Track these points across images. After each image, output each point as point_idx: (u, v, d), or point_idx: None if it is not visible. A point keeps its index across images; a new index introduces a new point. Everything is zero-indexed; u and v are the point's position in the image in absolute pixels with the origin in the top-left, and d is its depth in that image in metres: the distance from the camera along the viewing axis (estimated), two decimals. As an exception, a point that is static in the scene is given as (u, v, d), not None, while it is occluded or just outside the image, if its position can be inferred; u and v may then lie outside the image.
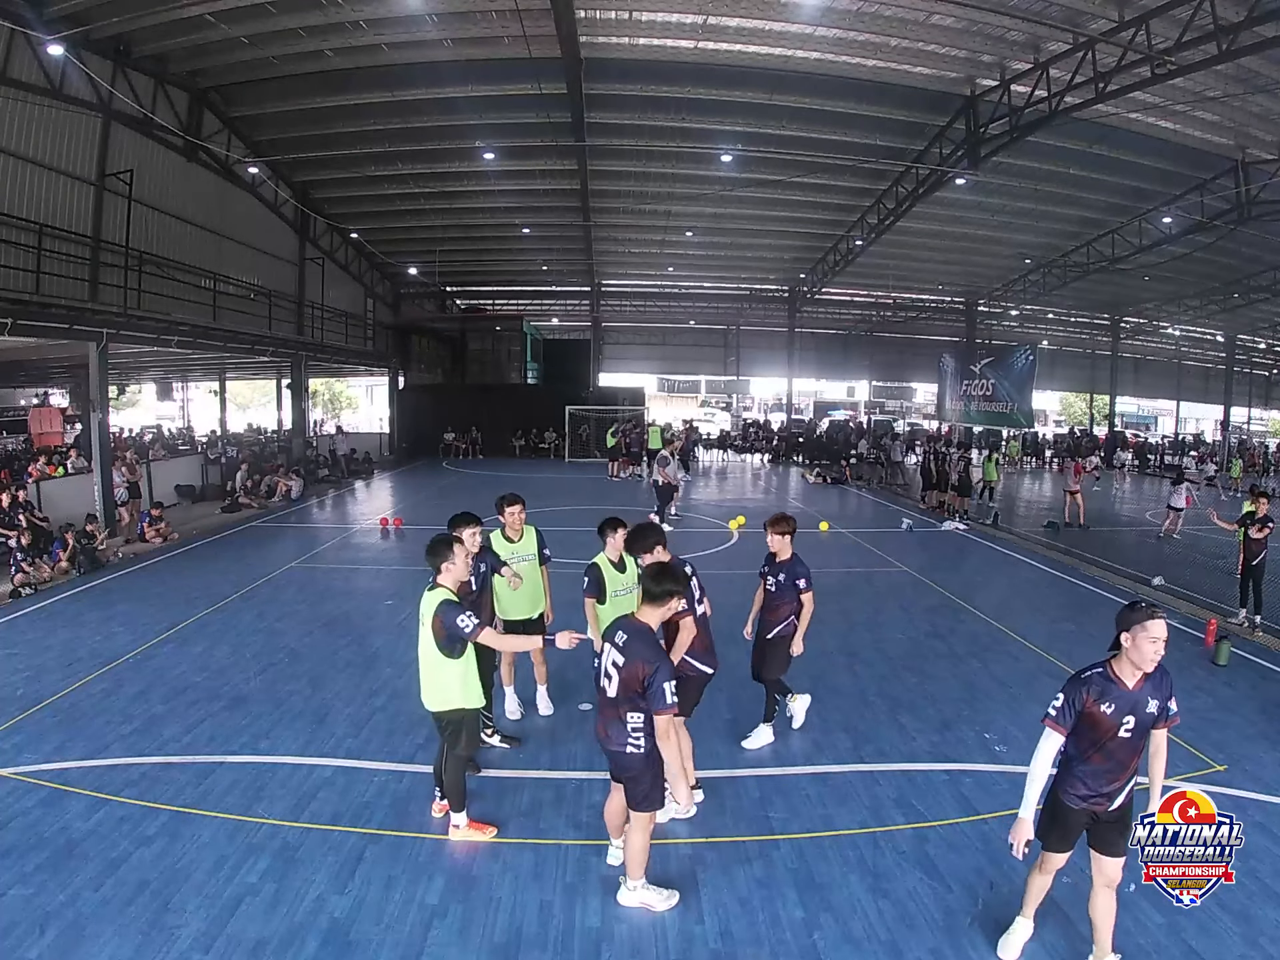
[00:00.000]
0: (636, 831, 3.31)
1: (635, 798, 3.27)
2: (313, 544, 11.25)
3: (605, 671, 3.26)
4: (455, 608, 3.57)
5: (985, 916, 3.32)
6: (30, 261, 10.87)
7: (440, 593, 3.64)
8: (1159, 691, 2.89)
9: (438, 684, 3.69)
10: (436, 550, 3.69)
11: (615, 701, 3.20)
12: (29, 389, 25.20)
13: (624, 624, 3.29)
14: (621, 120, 16.25)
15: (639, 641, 3.19)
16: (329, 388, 42.42)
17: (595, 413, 24.66)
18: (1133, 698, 2.85)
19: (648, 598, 3.26)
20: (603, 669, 3.28)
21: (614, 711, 3.20)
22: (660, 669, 3.12)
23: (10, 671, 5.91)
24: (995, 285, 28.16)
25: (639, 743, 3.19)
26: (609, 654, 3.25)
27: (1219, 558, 11.32)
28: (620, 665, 3.17)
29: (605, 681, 3.25)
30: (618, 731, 3.20)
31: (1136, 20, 11.19)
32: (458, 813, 3.81)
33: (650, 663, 3.13)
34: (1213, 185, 17.58)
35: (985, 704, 5.60)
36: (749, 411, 41.32)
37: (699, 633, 4.00)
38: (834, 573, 9.90)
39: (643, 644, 3.19)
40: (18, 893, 3.35)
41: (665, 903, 3.34)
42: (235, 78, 14.91)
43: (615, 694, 3.20)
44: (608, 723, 3.23)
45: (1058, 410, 45.92)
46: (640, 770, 3.23)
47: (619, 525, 4.50)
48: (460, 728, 3.72)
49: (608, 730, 3.23)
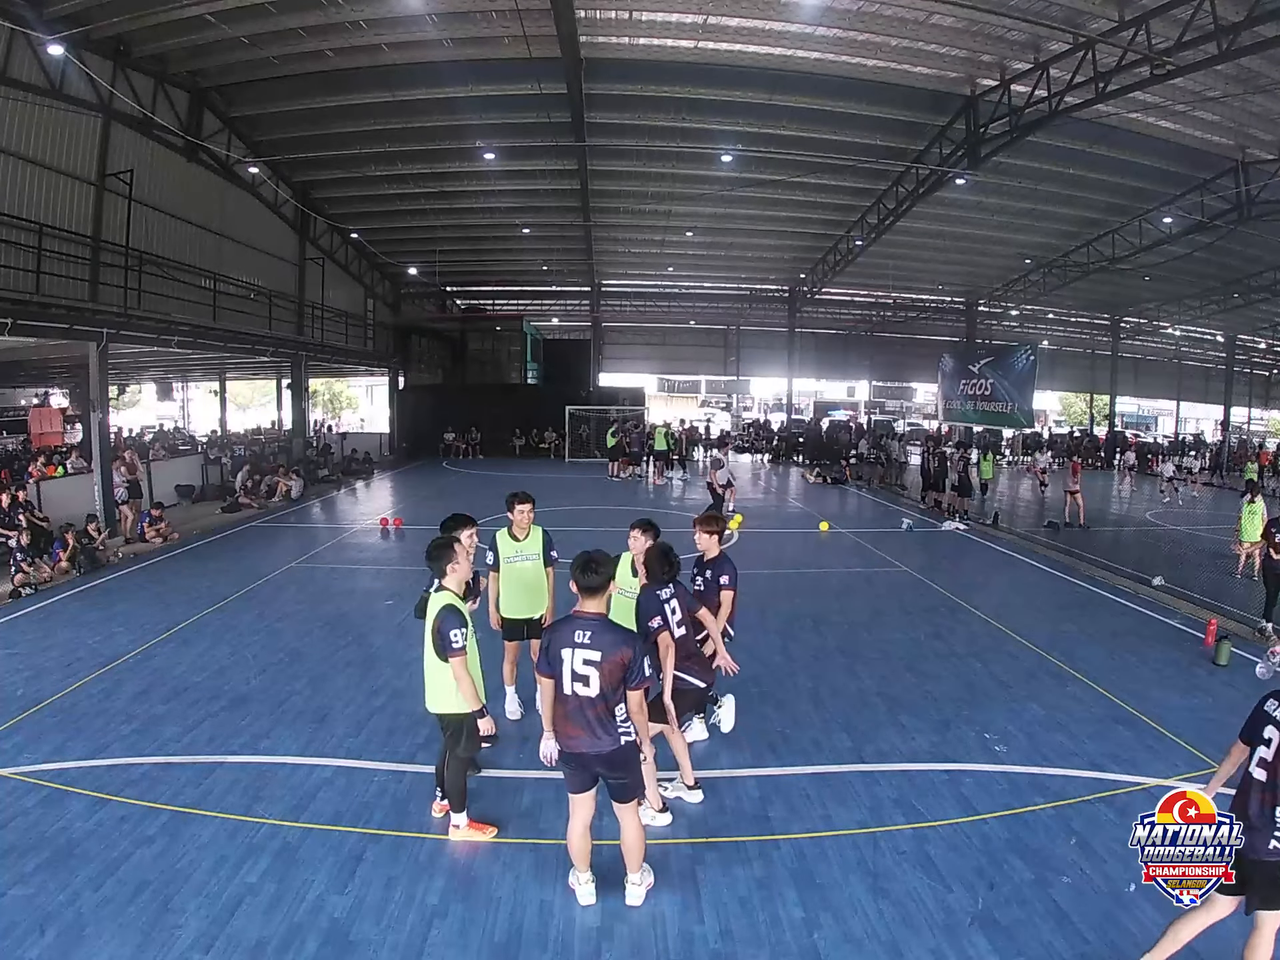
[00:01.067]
0: (633, 822, 3.31)
1: (629, 788, 3.26)
2: (313, 544, 11.25)
3: (576, 675, 3.13)
4: (455, 617, 3.58)
5: (985, 916, 3.32)
6: (30, 261, 10.86)
7: (445, 596, 3.66)
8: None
9: (437, 686, 3.71)
10: (440, 554, 3.70)
11: (598, 699, 3.13)
12: (29, 389, 25.22)
13: (578, 623, 3.19)
14: (621, 120, 16.24)
15: (606, 632, 3.16)
16: (329, 388, 42.43)
17: (595, 413, 24.66)
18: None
19: (586, 591, 3.20)
20: (569, 674, 3.13)
21: (598, 709, 3.13)
22: (638, 647, 3.16)
23: (10, 671, 5.91)
24: (995, 285, 28.16)
25: (629, 730, 3.18)
26: (573, 656, 3.13)
27: (1219, 557, 11.33)
28: (598, 661, 3.10)
29: (579, 686, 3.13)
30: (608, 728, 3.15)
31: (1136, 20, 11.19)
32: (458, 813, 3.81)
33: (629, 645, 3.14)
34: (1213, 185, 17.58)
35: (985, 704, 5.60)
36: (749, 411, 41.33)
37: (678, 649, 3.98)
38: (834, 573, 9.91)
39: (611, 633, 3.18)
40: (18, 893, 3.35)
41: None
42: (235, 78, 14.90)
43: (598, 692, 3.12)
44: (593, 725, 3.14)
45: (1058, 410, 45.92)
46: (633, 759, 3.22)
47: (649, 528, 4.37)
48: (460, 730, 3.73)
49: (596, 733, 3.14)
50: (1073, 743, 4.97)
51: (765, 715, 5.31)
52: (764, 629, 7.19)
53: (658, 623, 3.86)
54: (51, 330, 10.71)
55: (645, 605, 3.94)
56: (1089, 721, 5.30)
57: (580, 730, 3.16)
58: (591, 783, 3.29)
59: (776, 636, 7.01)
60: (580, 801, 3.30)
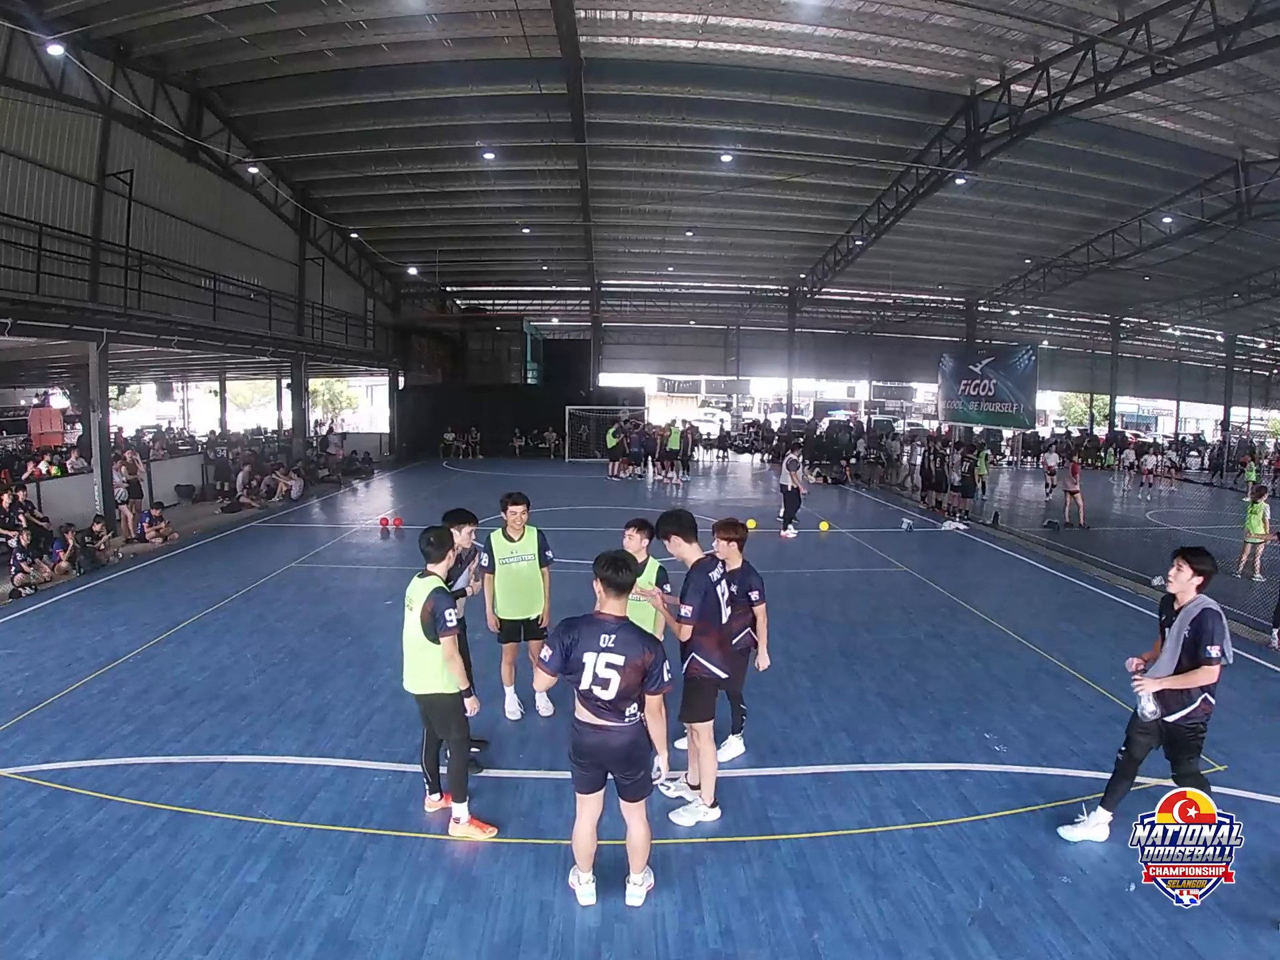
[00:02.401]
0: (641, 822, 3.31)
1: (639, 785, 3.25)
2: (313, 544, 11.24)
3: (598, 678, 3.10)
4: (448, 598, 3.72)
5: (985, 916, 3.32)
6: (30, 261, 10.86)
7: (433, 580, 3.79)
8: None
9: (420, 666, 3.79)
10: (444, 540, 3.88)
11: (615, 701, 3.12)
12: (29, 389, 25.21)
13: (601, 624, 3.16)
14: (622, 120, 16.26)
15: (629, 634, 3.15)
16: (329, 388, 42.43)
17: (595, 413, 24.66)
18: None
19: (616, 589, 3.16)
20: (591, 675, 3.11)
21: (612, 709, 3.14)
22: (659, 652, 3.15)
23: (10, 671, 5.91)
24: (995, 285, 28.17)
25: (635, 715, 3.17)
26: (598, 659, 3.10)
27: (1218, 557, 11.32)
28: (621, 665, 3.08)
29: (598, 689, 3.11)
30: (617, 722, 3.15)
31: (1136, 20, 11.20)
32: (459, 803, 3.82)
33: (652, 649, 3.14)
34: (1213, 185, 17.60)
35: (985, 704, 5.60)
36: (749, 411, 41.34)
37: (714, 634, 3.89)
38: (834, 573, 9.90)
39: (635, 635, 3.17)
40: (18, 893, 3.34)
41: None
42: (235, 78, 14.91)
43: (615, 694, 3.10)
44: (605, 715, 3.15)
45: (1058, 410, 45.93)
46: (644, 748, 3.21)
47: (643, 525, 4.37)
48: (449, 714, 3.81)
49: (609, 726, 3.14)
50: (1073, 743, 4.97)
51: (765, 715, 5.30)
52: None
53: (689, 610, 3.74)
54: (51, 330, 10.71)
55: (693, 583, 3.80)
56: (1089, 721, 5.30)
57: (597, 718, 3.16)
58: (601, 782, 3.28)
59: (777, 636, 6.94)
60: (588, 802, 3.29)
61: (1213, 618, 3.44)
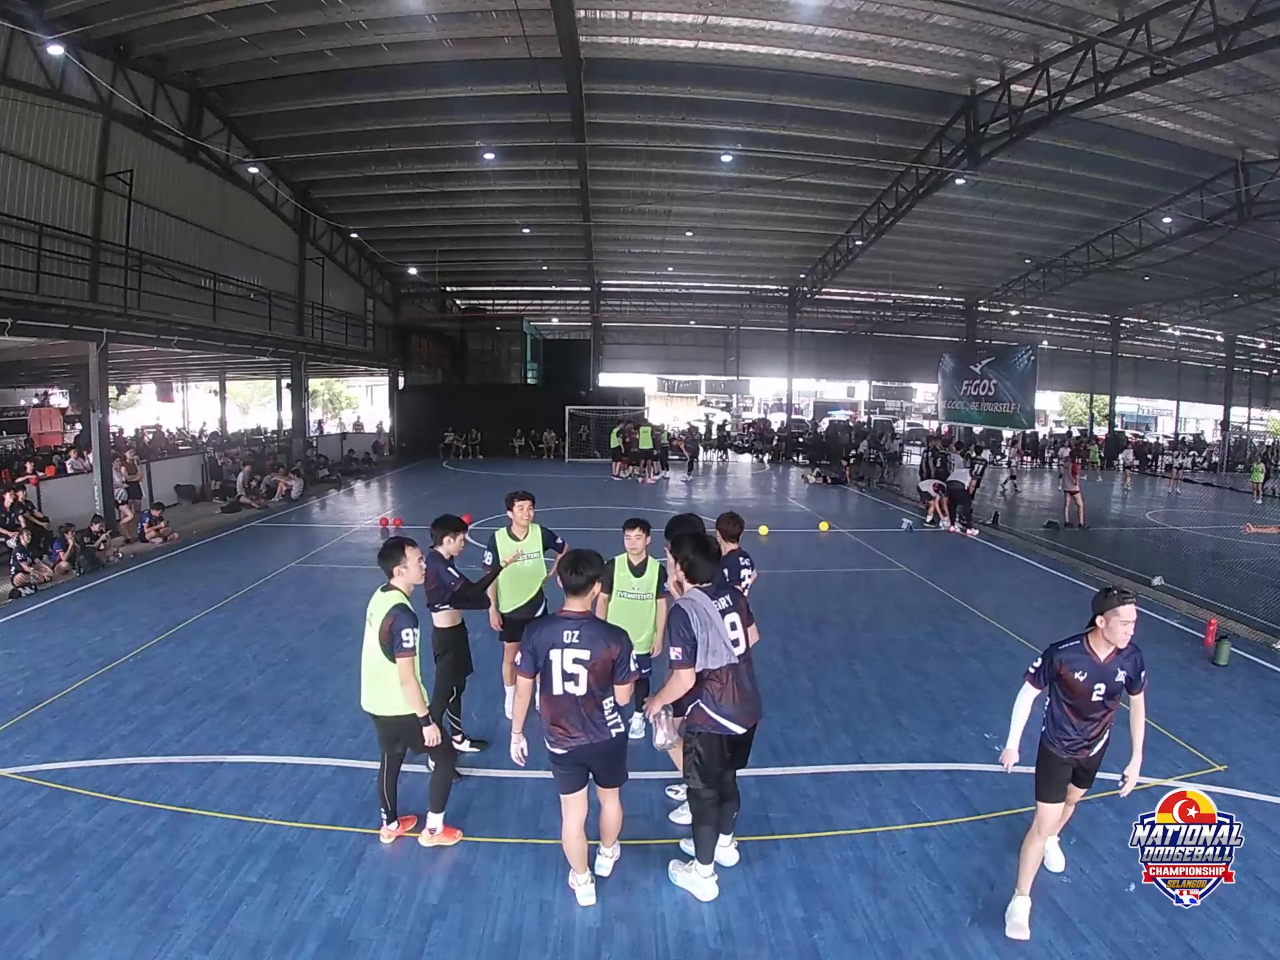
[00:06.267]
0: (615, 805, 3.39)
1: (618, 776, 3.33)
2: (313, 544, 11.24)
3: (567, 674, 3.14)
4: (407, 616, 3.52)
5: (985, 916, 3.32)
6: (30, 261, 10.86)
7: (395, 595, 3.60)
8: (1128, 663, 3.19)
9: (382, 686, 3.59)
10: (389, 555, 3.66)
11: (586, 697, 3.17)
12: (29, 389, 25.18)
13: (565, 623, 3.19)
14: (622, 120, 16.25)
15: (592, 629, 3.20)
16: (329, 388, 42.42)
17: (595, 413, 24.65)
18: (1103, 669, 3.18)
19: (570, 590, 3.21)
20: (560, 674, 3.15)
21: (588, 706, 3.18)
22: (625, 644, 3.19)
23: (10, 671, 5.91)
24: (995, 285, 28.16)
25: (617, 721, 3.24)
26: (563, 656, 3.14)
27: (1218, 557, 11.33)
28: (586, 660, 3.14)
29: (570, 685, 3.15)
30: (598, 722, 3.19)
31: (1136, 20, 11.19)
32: (437, 814, 3.77)
33: (616, 642, 3.17)
34: (1213, 185, 17.58)
35: (985, 704, 5.59)
36: (749, 411, 41.35)
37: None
38: (834, 573, 9.91)
39: (596, 630, 3.20)
40: (18, 893, 3.35)
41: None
42: (235, 78, 14.90)
43: (585, 690, 3.15)
44: (584, 720, 3.18)
45: (1058, 410, 45.92)
46: (622, 749, 3.29)
47: (639, 525, 4.42)
48: (415, 734, 3.59)
49: (586, 729, 3.18)
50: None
51: (765, 715, 5.23)
52: (763, 629, 7.06)
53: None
54: (51, 330, 10.69)
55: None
56: (1089, 721, 5.29)
57: (578, 730, 3.19)
58: (583, 781, 3.31)
59: (776, 636, 7.00)
60: (572, 802, 3.31)
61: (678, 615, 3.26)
